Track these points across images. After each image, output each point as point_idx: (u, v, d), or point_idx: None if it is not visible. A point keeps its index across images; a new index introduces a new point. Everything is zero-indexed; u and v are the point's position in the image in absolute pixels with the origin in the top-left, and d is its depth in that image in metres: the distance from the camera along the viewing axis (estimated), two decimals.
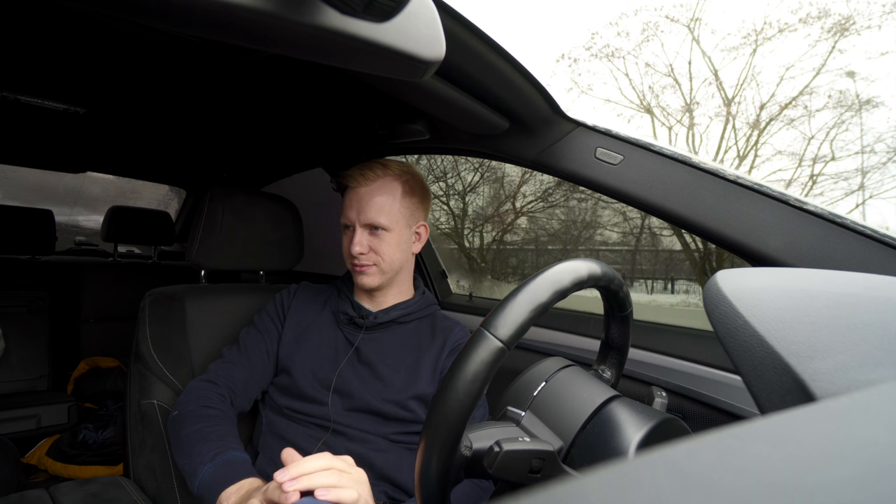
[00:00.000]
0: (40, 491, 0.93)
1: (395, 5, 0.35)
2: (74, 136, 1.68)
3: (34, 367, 1.98)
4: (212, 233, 1.16)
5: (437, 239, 2.05)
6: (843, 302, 0.32)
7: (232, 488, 0.74)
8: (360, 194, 1.00)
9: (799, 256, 0.68)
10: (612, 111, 8.58)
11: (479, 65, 0.70)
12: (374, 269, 1.00)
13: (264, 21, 0.35)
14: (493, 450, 0.47)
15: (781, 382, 0.28)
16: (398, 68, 0.43)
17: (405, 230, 1.02)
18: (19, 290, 2.04)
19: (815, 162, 6.96)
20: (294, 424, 0.97)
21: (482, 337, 0.46)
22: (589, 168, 0.86)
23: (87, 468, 1.80)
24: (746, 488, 0.13)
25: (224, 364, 0.99)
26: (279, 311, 1.07)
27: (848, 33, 6.88)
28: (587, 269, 0.52)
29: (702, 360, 0.89)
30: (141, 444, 1.02)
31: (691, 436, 0.18)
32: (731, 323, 0.32)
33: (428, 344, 1.01)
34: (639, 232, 6.00)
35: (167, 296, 1.14)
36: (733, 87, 7.65)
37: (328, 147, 1.45)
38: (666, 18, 8.04)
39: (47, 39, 0.94)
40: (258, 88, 1.16)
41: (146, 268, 2.45)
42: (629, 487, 0.13)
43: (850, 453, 0.15)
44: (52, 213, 2.11)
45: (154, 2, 0.33)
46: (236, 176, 2.10)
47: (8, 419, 1.72)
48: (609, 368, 0.63)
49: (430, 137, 1.11)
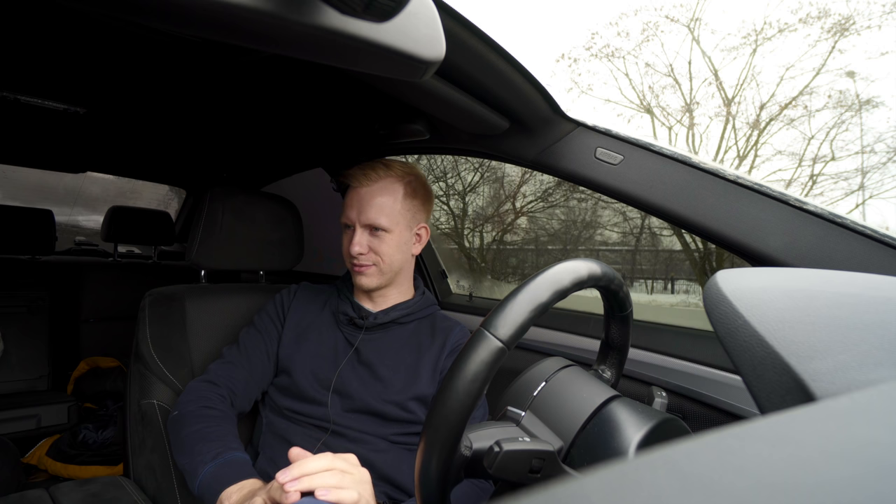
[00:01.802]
0: (40, 491, 0.93)
1: (395, 5, 0.35)
2: (74, 136, 1.68)
3: (34, 367, 1.98)
4: (212, 233, 1.16)
5: (437, 239, 2.05)
6: (843, 302, 0.32)
7: (233, 488, 0.74)
8: (361, 194, 1.00)
9: (799, 256, 0.68)
10: (612, 111, 8.59)
11: (479, 65, 0.70)
12: (374, 269, 1.00)
13: (264, 21, 0.35)
14: (493, 450, 0.47)
15: (781, 382, 0.28)
16: (398, 68, 0.43)
17: (405, 231, 1.02)
18: (19, 290, 2.03)
19: (815, 162, 6.96)
20: (294, 425, 0.96)
21: (482, 337, 0.46)
22: (589, 168, 0.85)
23: (87, 468, 1.80)
24: (746, 488, 0.13)
25: (224, 364, 0.99)
26: (279, 312, 1.07)
27: (848, 33, 6.88)
28: (587, 269, 0.52)
29: (702, 360, 0.89)
30: (141, 444, 1.02)
31: (691, 436, 0.18)
32: (731, 323, 0.32)
33: (428, 344, 1.01)
34: (639, 232, 6.00)
35: (167, 296, 1.14)
36: (733, 87, 7.66)
37: (328, 147, 1.45)
38: (666, 18, 8.05)
39: (47, 39, 0.94)
40: (258, 88, 1.16)
41: (146, 268, 2.45)
42: (629, 487, 0.13)
43: (850, 453, 0.15)
44: (52, 213, 2.11)
45: (154, 2, 0.33)
46: (236, 176, 2.10)
47: (8, 419, 1.72)
48: (609, 368, 0.63)
49: (430, 137, 1.11)
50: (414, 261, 1.10)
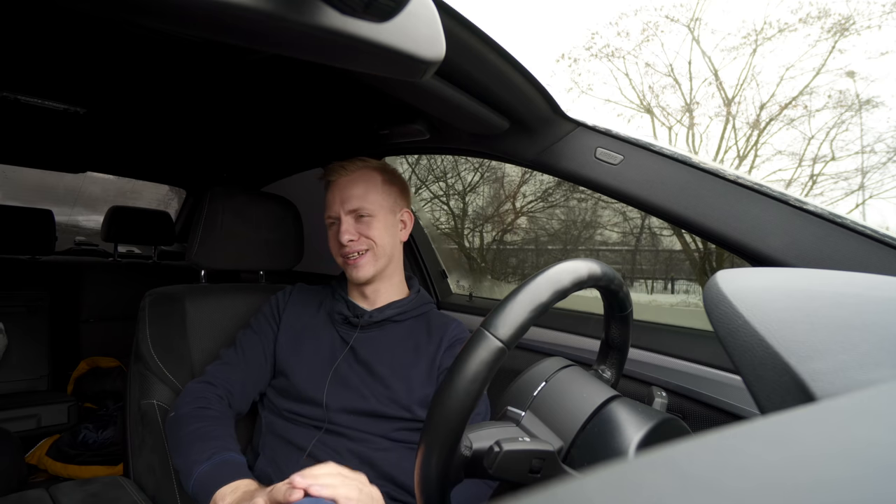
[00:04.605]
0: (40, 491, 0.93)
1: (395, 5, 0.35)
2: (74, 136, 1.68)
3: (34, 367, 1.98)
4: (212, 233, 1.16)
5: (437, 239, 2.05)
6: (843, 302, 0.32)
7: (227, 488, 0.74)
8: (341, 185, 1.02)
9: (799, 256, 0.68)
10: (612, 111, 8.59)
11: (479, 65, 0.70)
12: (368, 255, 1.01)
13: (264, 21, 0.35)
14: (493, 450, 0.47)
15: (781, 382, 0.28)
16: (398, 68, 0.44)
17: (390, 216, 1.04)
18: (19, 290, 2.03)
19: (815, 162, 6.96)
20: (293, 426, 0.96)
21: (482, 337, 0.46)
22: (589, 168, 0.86)
23: (87, 468, 1.80)
24: (746, 488, 0.13)
25: (221, 366, 0.99)
26: (275, 313, 1.07)
27: (848, 33, 6.88)
28: (587, 269, 0.52)
29: (702, 360, 0.89)
30: (141, 444, 1.02)
31: (691, 436, 0.18)
32: (731, 323, 0.32)
33: (425, 342, 1.01)
34: (639, 232, 6.00)
35: (167, 296, 1.14)
36: (733, 87, 7.66)
37: (328, 147, 1.45)
38: (666, 18, 8.04)
39: (47, 39, 0.94)
40: (258, 88, 1.16)
41: (146, 268, 2.45)
42: (629, 487, 0.13)
43: (850, 453, 0.15)
44: (52, 213, 2.11)
45: (154, 2, 0.33)
46: (236, 176, 2.10)
47: (8, 419, 1.72)
48: (609, 368, 0.63)
49: (430, 137, 1.11)
50: (402, 250, 1.10)
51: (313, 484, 0.64)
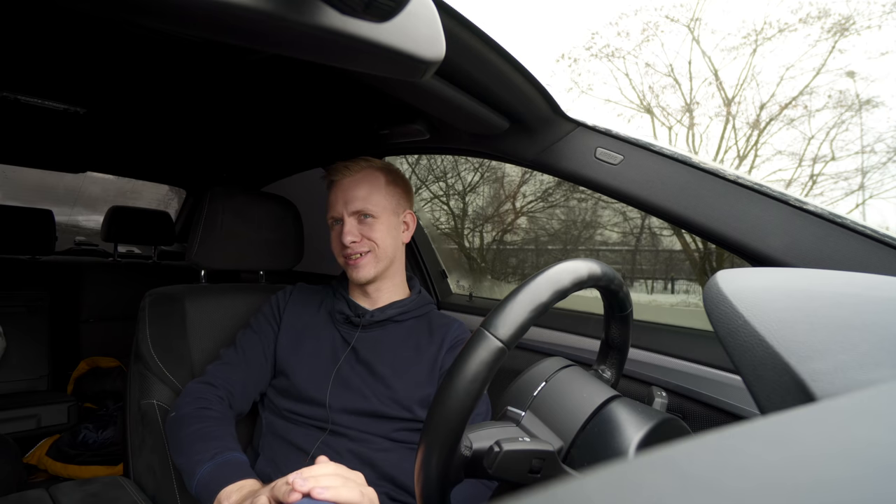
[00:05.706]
0: (40, 491, 0.93)
1: (395, 5, 0.35)
2: (74, 136, 1.68)
3: (34, 367, 1.98)
4: (212, 233, 1.16)
5: (437, 239, 2.05)
6: (843, 302, 0.32)
7: (232, 487, 0.74)
8: (344, 185, 1.01)
9: (799, 256, 0.68)
10: (612, 111, 8.58)
11: (479, 65, 0.71)
12: (370, 256, 1.00)
13: (264, 21, 0.35)
14: (493, 450, 0.47)
15: (781, 382, 0.28)
16: (398, 68, 0.44)
17: (392, 217, 1.03)
18: (19, 290, 2.03)
19: (815, 162, 6.95)
20: (294, 426, 0.96)
21: (482, 337, 0.46)
22: (589, 168, 0.86)
23: (87, 468, 1.80)
24: (746, 488, 0.13)
25: (221, 366, 0.99)
26: (275, 313, 1.07)
27: (848, 33, 6.87)
28: (587, 269, 0.52)
29: (702, 360, 0.89)
30: (141, 444, 1.02)
31: (691, 436, 0.18)
32: (731, 323, 0.32)
33: (426, 342, 1.01)
34: (639, 232, 5.99)
35: (167, 296, 1.14)
36: (733, 87, 7.65)
37: (328, 147, 1.45)
38: (666, 18, 8.04)
39: (47, 39, 0.94)
40: (258, 88, 1.16)
41: (146, 268, 2.45)
42: (629, 487, 0.13)
43: (850, 453, 0.15)
44: (52, 213, 2.11)
45: (154, 2, 0.33)
46: (236, 176, 2.10)
47: (8, 419, 1.72)
48: (609, 368, 0.63)
49: (430, 137, 1.11)
50: (404, 251, 1.10)
51: (315, 487, 0.64)
